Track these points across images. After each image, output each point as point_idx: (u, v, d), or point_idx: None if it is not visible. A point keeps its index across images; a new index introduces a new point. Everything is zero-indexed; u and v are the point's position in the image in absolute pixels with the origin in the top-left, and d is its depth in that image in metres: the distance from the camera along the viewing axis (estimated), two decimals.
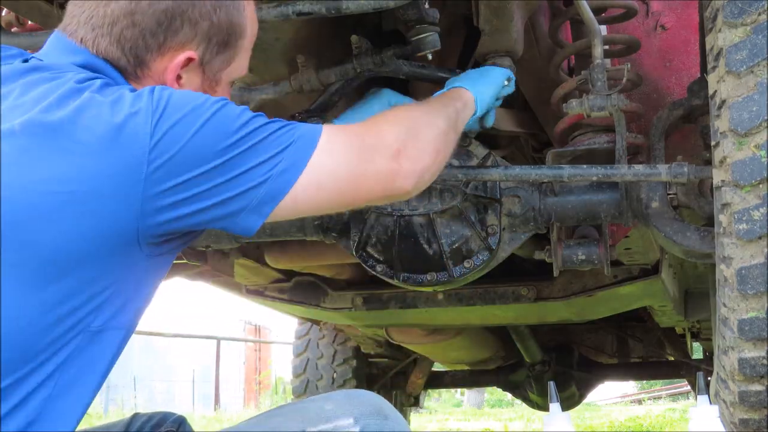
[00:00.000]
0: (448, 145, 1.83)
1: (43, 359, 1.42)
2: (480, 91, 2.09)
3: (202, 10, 1.61)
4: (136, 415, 1.91)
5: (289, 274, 3.52)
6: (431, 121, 1.80)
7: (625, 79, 2.20)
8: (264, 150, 1.51)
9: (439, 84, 2.36)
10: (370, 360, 5.37)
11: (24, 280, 1.39)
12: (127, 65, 1.59)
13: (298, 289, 3.55)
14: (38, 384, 1.42)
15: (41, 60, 1.58)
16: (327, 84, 2.23)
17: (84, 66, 1.55)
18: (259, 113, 1.54)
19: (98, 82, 1.49)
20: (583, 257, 2.41)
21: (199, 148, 1.45)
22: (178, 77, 1.63)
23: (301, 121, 2.15)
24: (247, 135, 1.49)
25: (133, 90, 1.49)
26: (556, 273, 2.44)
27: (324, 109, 2.28)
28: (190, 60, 1.62)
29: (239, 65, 1.73)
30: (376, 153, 1.64)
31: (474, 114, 2.07)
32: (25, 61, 1.60)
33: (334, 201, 1.63)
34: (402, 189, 1.67)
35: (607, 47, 2.31)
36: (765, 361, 1.81)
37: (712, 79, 1.92)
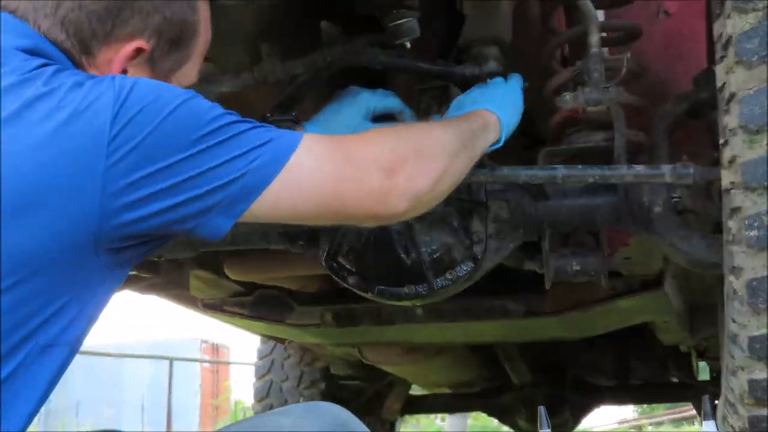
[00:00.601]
0: (457, 168, 1.81)
1: None
2: (507, 115, 2.06)
3: (155, 2, 1.63)
4: None
5: (250, 287, 3.51)
6: (439, 138, 1.79)
7: (624, 70, 2.21)
8: (239, 145, 1.50)
9: (420, 76, 2.36)
10: (341, 382, 5.36)
11: None
12: (72, 50, 1.59)
13: (261, 304, 3.53)
14: None
15: None
16: (293, 75, 2.23)
17: (31, 50, 1.54)
18: (231, 111, 1.54)
19: (50, 69, 1.49)
20: (578, 268, 2.41)
21: (167, 138, 1.45)
22: (125, 71, 1.63)
23: (275, 122, 2.15)
24: (220, 128, 1.50)
25: (91, 77, 1.49)
26: (548, 285, 2.45)
27: (291, 104, 2.27)
28: (139, 51, 1.62)
29: (190, 71, 1.75)
30: (368, 165, 1.62)
31: (498, 143, 2.03)
32: None
33: (315, 209, 1.62)
34: (394, 209, 1.65)
35: (604, 35, 2.31)
36: None
37: (720, 70, 1.93)
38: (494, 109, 2.02)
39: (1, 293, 1.38)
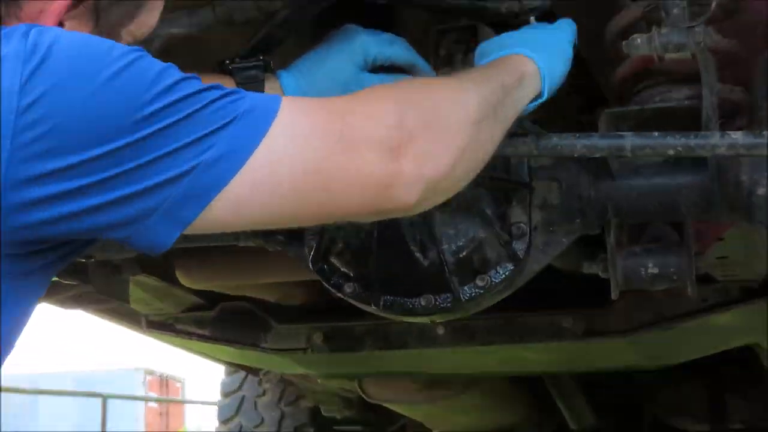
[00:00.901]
0: (485, 140, 1.83)
1: None
2: (551, 62, 2.07)
3: None
4: None
5: (212, 299, 3.54)
6: (458, 101, 1.79)
7: (714, 4, 2.23)
8: (193, 127, 1.50)
9: (440, 12, 2.38)
10: (336, 428, 5.40)
11: None
12: None
13: (227, 321, 3.57)
14: None
15: None
16: (269, 13, 2.25)
17: None
18: (192, 75, 1.54)
19: None
20: (656, 271, 2.43)
21: (97, 119, 1.45)
22: (61, 25, 1.65)
23: (236, 70, 2.16)
24: (170, 104, 1.49)
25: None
26: (615, 295, 2.46)
27: (265, 50, 2.29)
28: (68, 6, 1.64)
29: (145, 21, 1.79)
30: (365, 144, 1.62)
31: (540, 98, 2.06)
32: None
33: (295, 209, 1.63)
34: (402, 202, 1.66)
35: None
36: None
37: None
38: (532, 53, 2.03)
39: None
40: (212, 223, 1.56)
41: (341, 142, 1.60)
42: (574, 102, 2.74)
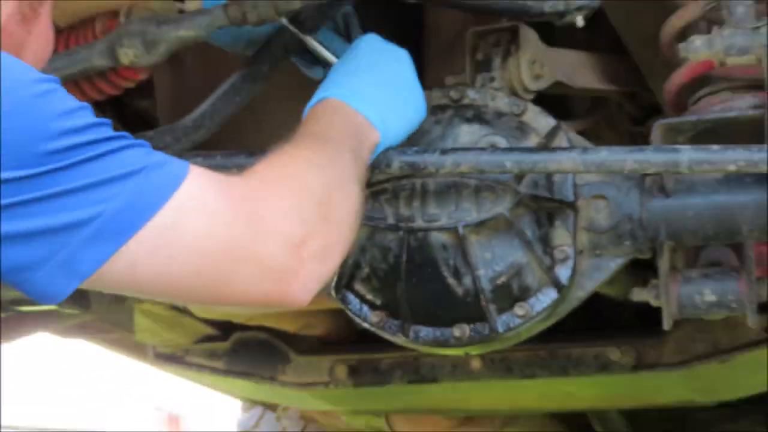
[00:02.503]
0: (359, 217, 1.91)
1: None
2: (383, 110, 2.12)
3: None
4: None
5: (225, 328, 3.54)
6: (345, 188, 1.86)
7: None
8: (101, 168, 1.52)
9: (477, 11, 2.36)
10: None
11: None
12: None
13: (242, 353, 3.56)
14: None
15: None
16: (287, 12, 2.24)
17: None
18: (103, 120, 1.57)
19: None
20: (714, 298, 2.40)
21: None
22: None
23: None
24: (79, 145, 1.51)
25: None
26: (668, 326, 2.43)
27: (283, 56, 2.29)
28: None
29: (45, 13, 1.80)
30: (271, 236, 1.68)
31: (377, 148, 2.11)
32: None
33: (190, 286, 1.65)
34: (297, 298, 1.73)
35: None
36: None
37: None
38: (375, 115, 2.09)
39: None
40: (108, 281, 1.58)
41: (249, 228, 1.66)
42: (626, 112, 2.73)
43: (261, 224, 1.66)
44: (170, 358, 3.63)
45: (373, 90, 2.09)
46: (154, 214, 1.54)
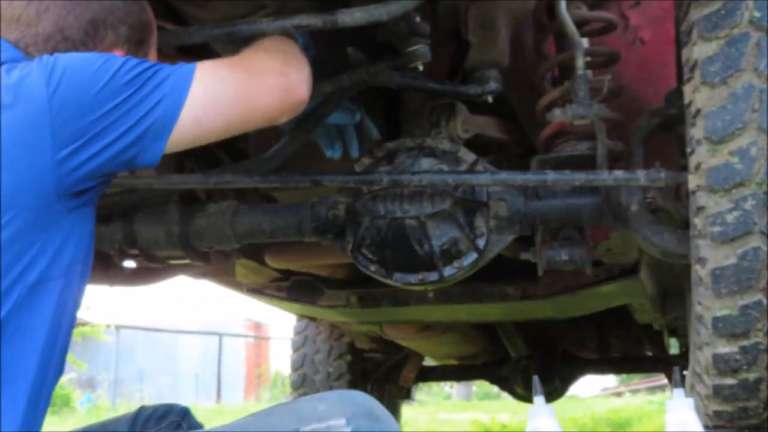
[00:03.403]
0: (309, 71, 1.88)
1: None
2: None
3: (119, 15, 1.69)
4: (141, 409, 1.91)
5: (287, 274, 3.51)
6: (288, 43, 1.88)
7: (605, 90, 2.20)
8: (151, 83, 1.54)
9: (431, 94, 2.36)
10: (365, 355, 5.36)
11: None
12: None
13: (296, 288, 3.53)
14: None
15: None
16: (324, 94, 2.23)
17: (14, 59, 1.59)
18: (143, 60, 1.59)
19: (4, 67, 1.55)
20: (566, 258, 2.40)
21: (94, 93, 1.49)
22: None
23: None
24: (134, 76, 1.53)
25: (28, 62, 1.55)
26: (540, 273, 2.43)
27: (321, 117, 2.27)
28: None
29: (153, 59, 1.78)
30: (264, 73, 1.71)
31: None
32: None
33: (237, 117, 1.67)
34: (298, 96, 1.75)
35: (588, 59, 2.30)
36: (738, 357, 1.81)
37: (687, 89, 1.93)
38: None
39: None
40: (185, 135, 1.59)
41: (251, 74, 1.69)
42: (516, 151, 2.72)
43: (258, 68, 1.72)
44: (255, 290, 3.61)
45: None
46: (187, 92, 1.56)
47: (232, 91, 1.64)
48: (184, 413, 1.89)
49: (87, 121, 1.48)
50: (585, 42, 2.36)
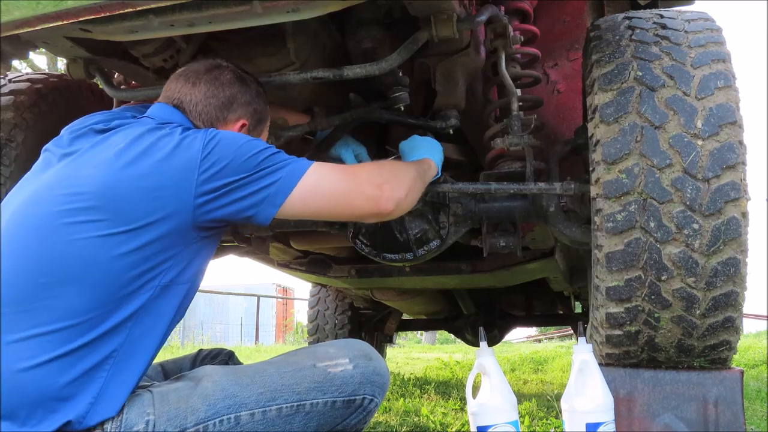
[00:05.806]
0: (417, 188, 1.80)
1: (123, 303, 1.41)
2: (438, 159, 2.05)
3: (248, 98, 1.71)
4: (200, 350, 1.92)
5: (306, 253, 3.49)
6: (406, 170, 1.78)
7: (532, 125, 2.20)
8: (275, 165, 1.52)
9: (409, 127, 2.36)
10: (360, 311, 5.35)
11: (116, 242, 1.40)
12: (202, 126, 1.66)
13: (312, 264, 3.51)
14: (122, 319, 1.41)
15: (152, 117, 1.63)
16: (333, 126, 2.22)
17: (180, 124, 1.60)
18: (272, 146, 1.55)
19: (179, 128, 1.55)
20: (504, 244, 2.40)
21: (235, 162, 1.48)
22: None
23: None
24: (267, 157, 1.52)
25: (195, 131, 1.55)
26: (485, 254, 2.43)
27: (330, 143, 2.26)
28: (243, 125, 1.70)
29: (265, 137, 1.79)
30: (364, 183, 1.63)
31: (437, 175, 2.03)
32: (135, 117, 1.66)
33: (333, 209, 1.60)
34: (385, 209, 1.64)
35: (520, 104, 2.30)
36: (623, 315, 1.81)
37: (590, 126, 1.93)
38: (431, 156, 2.01)
39: (144, 248, 1.42)
40: (293, 209, 1.54)
41: (355, 180, 1.62)
42: (469, 168, 2.71)
43: (361, 178, 1.63)
44: (283, 264, 3.59)
45: (432, 152, 2.03)
46: (300, 177, 1.53)
47: (335, 189, 1.58)
48: (230, 355, 1.89)
49: (226, 181, 1.46)
50: (518, 91, 2.36)
